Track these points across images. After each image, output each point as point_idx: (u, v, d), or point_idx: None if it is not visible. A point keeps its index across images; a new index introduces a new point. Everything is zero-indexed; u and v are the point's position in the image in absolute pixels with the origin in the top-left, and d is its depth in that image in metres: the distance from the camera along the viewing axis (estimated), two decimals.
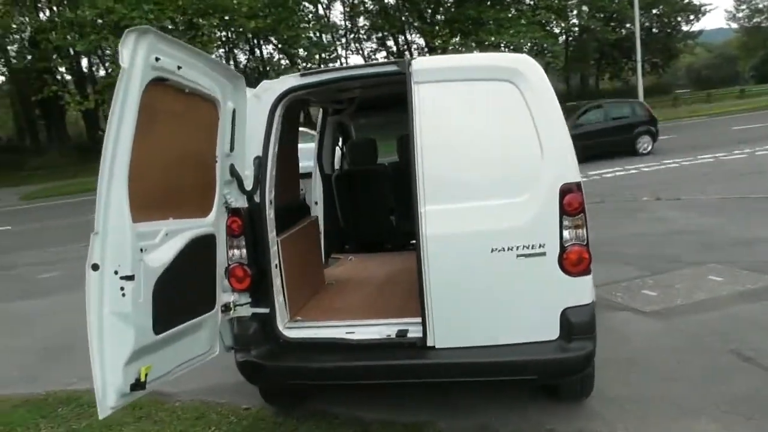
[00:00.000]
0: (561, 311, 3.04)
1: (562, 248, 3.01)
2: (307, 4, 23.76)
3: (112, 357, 2.37)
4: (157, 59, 2.39)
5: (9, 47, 29.89)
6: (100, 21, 19.41)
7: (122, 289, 2.37)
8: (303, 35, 21.13)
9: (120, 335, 2.37)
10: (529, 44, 25.96)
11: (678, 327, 4.60)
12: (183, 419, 3.81)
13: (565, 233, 3.01)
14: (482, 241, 3.04)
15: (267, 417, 3.73)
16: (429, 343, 3.12)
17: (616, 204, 9.84)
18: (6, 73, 33.76)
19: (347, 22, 32.57)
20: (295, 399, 3.84)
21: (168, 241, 2.67)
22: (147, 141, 2.46)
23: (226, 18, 20.37)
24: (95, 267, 2.32)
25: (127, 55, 2.28)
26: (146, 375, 2.50)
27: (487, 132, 3.11)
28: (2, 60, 31.70)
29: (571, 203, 3.00)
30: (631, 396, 3.60)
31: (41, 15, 27.13)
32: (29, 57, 27.98)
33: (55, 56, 24.86)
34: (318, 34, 22.65)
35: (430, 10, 29.78)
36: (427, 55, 25.26)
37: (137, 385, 2.47)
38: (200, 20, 19.46)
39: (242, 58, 30.90)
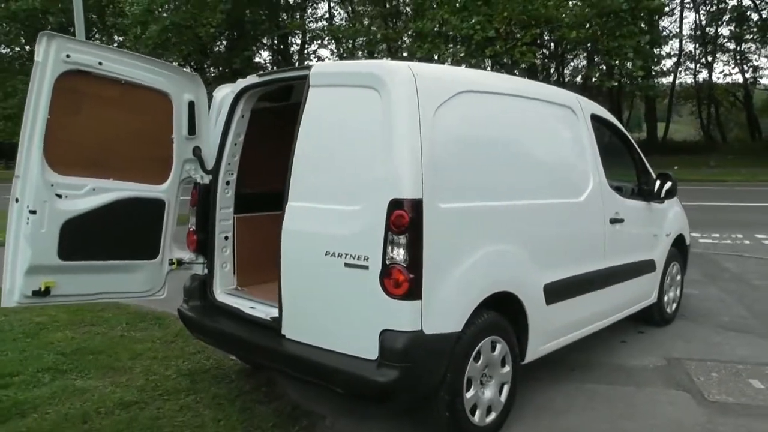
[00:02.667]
0: (380, 332, 2.89)
1: (384, 266, 2.86)
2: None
3: (17, 266, 3.35)
4: (67, 56, 3.26)
5: None
6: (437, 31, 21.78)
7: (27, 219, 3.32)
8: (627, 45, 19.67)
9: (23, 251, 3.33)
10: None
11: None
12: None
13: (389, 251, 2.85)
14: (319, 242, 3.10)
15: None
16: (282, 332, 3.31)
17: None
18: None
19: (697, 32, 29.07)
20: None
21: (95, 194, 3.52)
22: (72, 116, 3.36)
23: (546, 29, 20.47)
24: (17, 200, 3.33)
25: (41, 51, 3.20)
26: (47, 287, 3.41)
27: (347, 136, 3.12)
28: None
29: (398, 220, 2.82)
30: None
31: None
32: None
33: None
34: (645, 44, 20.70)
35: None
36: None
37: (39, 293, 3.40)
38: (521, 31, 20.04)
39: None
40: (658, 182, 4.97)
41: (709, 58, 32.34)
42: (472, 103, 3.26)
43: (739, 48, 30.79)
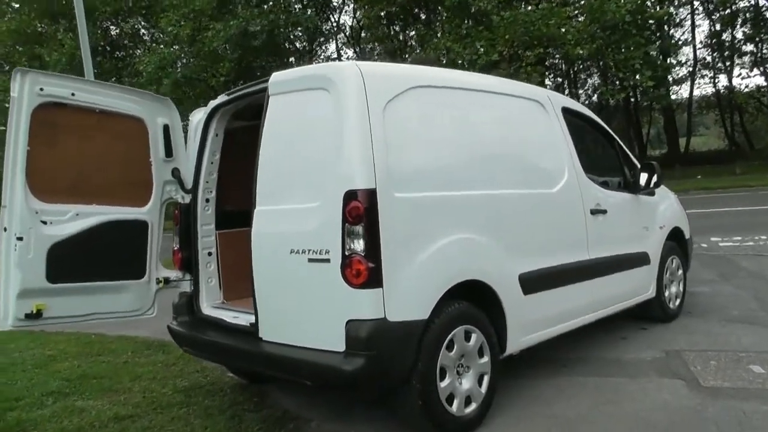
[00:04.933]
0: (345, 322, 2.96)
1: (344, 257, 2.95)
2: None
3: (9, 291, 3.53)
4: (41, 89, 3.49)
5: None
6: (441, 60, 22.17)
7: (15, 245, 3.51)
8: (634, 56, 19.68)
9: (13, 277, 3.51)
10: None
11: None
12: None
13: (348, 242, 2.94)
14: (284, 241, 3.21)
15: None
16: (260, 335, 3.40)
17: None
18: None
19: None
20: None
21: (78, 219, 3.71)
22: (51, 146, 3.57)
23: (549, 49, 20.62)
24: (5, 229, 3.53)
25: (16, 87, 3.44)
26: (38, 310, 3.57)
27: (305, 138, 3.27)
28: None
29: (353, 211, 2.92)
30: None
31: None
32: None
33: None
34: (654, 53, 20.63)
35: None
36: None
37: (31, 315, 3.56)
38: (525, 52, 20.27)
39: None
40: (642, 174, 4.98)
41: (727, 64, 31.87)
42: (426, 97, 3.37)
43: (757, 50, 30.23)
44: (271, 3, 25.72)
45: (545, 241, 3.93)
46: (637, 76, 20.83)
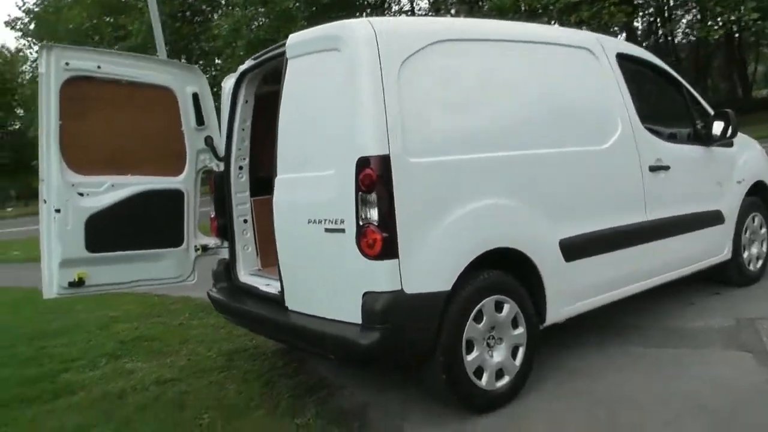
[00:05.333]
0: (362, 294, 2.84)
1: (359, 227, 2.81)
2: None
3: (51, 260, 3.65)
4: (66, 63, 3.50)
5: None
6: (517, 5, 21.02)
7: (54, 217, 3.61)
8: None
9: (54, 247, 3.63)
10: None
11: None
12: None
13: (362, 211, 2.79)
14: (302, 211, 3.12)
15: None
16: (286, 304, 3.35)
17: None
18: None
19: None
20: None
21: (114, 190, 3.76)
22: (83, 119, 3.61)
23: None
24: (45, 201, 3.64)
25: (43, 63, 3.47)
26: (80, 278, 3.69)
27: (321, 102, 3.10)
28: None
29: (366, 179, 2.76)
30: None
31: None
32: None
33: None
34: None
35: None
36: None
37: (74, 284, 3.69)
38: None
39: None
40: (716, 123, 4.45)
41: None
42: (450, 52, 3.10)
43: None
44: None
45: (592, 203, 3.60)
46: (741, 8, 18.85)
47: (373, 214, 2.76)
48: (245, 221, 4.08)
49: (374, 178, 2.74)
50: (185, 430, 3.09)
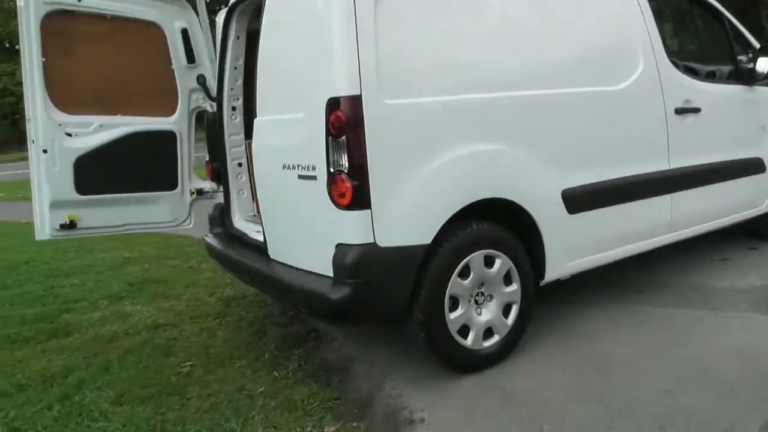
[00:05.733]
0: (335, 246, 2.66)
1: (329, 174, 2.60)
2: None
3: (42, 202, 3.61)
4: None
5: None
6: None
7: (42, 158, 3.54)
8: None
9: (43, 188, 3.57)
10: None
11: None
12: None
13: (332, 157, 2.57)
14: (278, 155, 2.92)
15: None
16: (268, 253, 3.21)
17: None
18: None
19: None
20: None
21: (103, 131, 3.65)
22: (67, 56, 3.47)
23: None
24: (33, 141, 3.56)
25: None
26: (71, 220, 3.64)
27: (297, 38, 2.84)
28: None
29: (336, 121, 2.52)
30: None
31: None
32: None
33: None
34: None
35: None
36: None
37: (65, 226, 3.64)
38: None
39: None
40: (761, 59, 3.95)
41: None
42: None
43: None
44: None
45: (602, 150, 3.26)
46: None
47: (344, 160, 2.53)
48: (240, 165, 3.92)
49: (344, 121, 2.50)
50: (162, 378, 3.05)
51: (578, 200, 3.12)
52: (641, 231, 3.48)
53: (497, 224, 2.91)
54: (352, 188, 2.52)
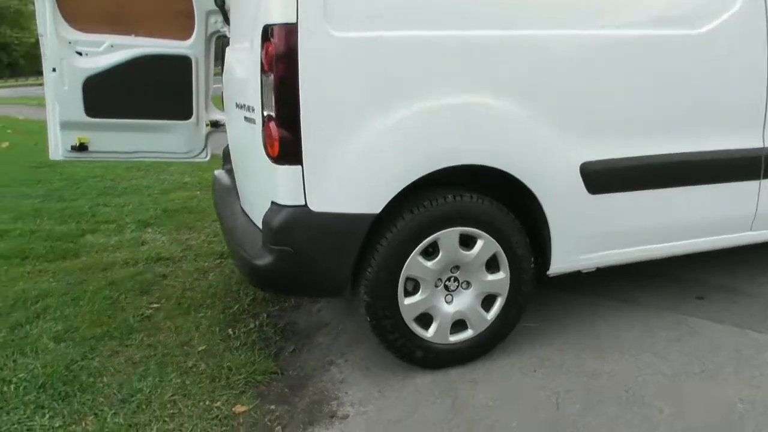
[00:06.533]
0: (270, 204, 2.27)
1: (263, 119, 2.18)
2: None
3: (54, 122, 3.55)
4: None
5: None
6: None
7: (51, 77, 3.44)
8: None
9: (54, 108, 3.50)
10: None
11: None
12: None
13: (264, 98, 2.14)
14: (234, 92, 2.53)
15: None
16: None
17: None
18: None
19: None
20: None
21: (114, 51, 3.48)
22: None
23: None
24: (46, 60, 3.47)
25: None
26: (81, 143, 3.57)
27: None
28: None
29: (267, 56, 2.08)
30: None
31: None
32: None
33: None
34: None
35: None
36: None
37: (76, 148, 3.58)
38: None
39: None
40: None
41: None
42: None
43: None
44: None
45: (656, 115, 2.50)
46: None
47: (273, 103, 2.10)
48: None
49: (274, 55, 2.04)
50: (119, 319, 2.90)
51: (605, 178, 2.44)
52: (706, 225, 2.70)
53: (484, 198, 2.34)
54: (280, 138, 2.09)
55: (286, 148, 2.09)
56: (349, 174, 2.15)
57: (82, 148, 3.59)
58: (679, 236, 2.66)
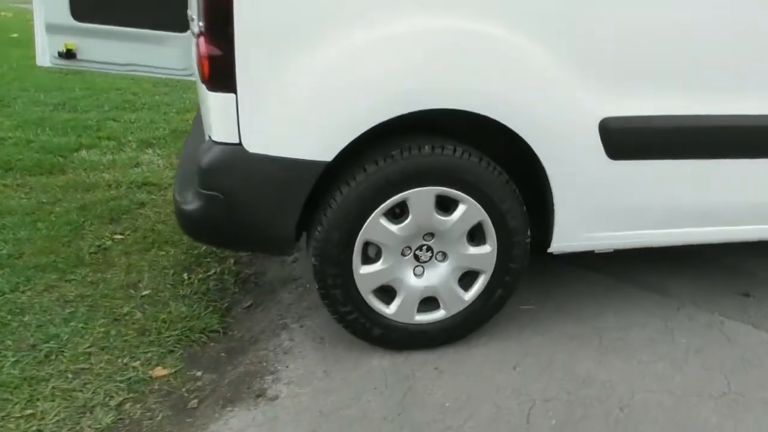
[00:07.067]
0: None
1: (197, 34, 1.77)
2: None
3: (41, 26, 3.26)
4: None
5: None
6: None
7: None
8: None
9: (40, 9, 3.20)
10: None
11: None
12: None
13: (200, 10, 1.72)
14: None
15: None
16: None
17: None
18: None
19: None
20: None
21: None
22: None
23: None
24: None
25: None
26: (69, 49, 3.27)
27: None
28: None
29: None
30: None
31: None
32: None
33: None
34: None
35: None
36: None
37: (63, 54, 3.29)
38: None
39: None
40: None
41: None
42: None
43: None
44: None
45: (700, 63, 1.92)
46: None
47: (202, 12, 1.67)
48: None
49: None
50: (73, 249, 2.64)
51: (632, 140, 1.92)
52: (755, 210, 2.14)
53: (483, 155, 1.88)
54: (209, 56, 1.67)
55: (217, 69, 1.68)
56: (294, 109, 1.72)
57: (69, 55, 3.30)
58: (720, 220, 2.12)
